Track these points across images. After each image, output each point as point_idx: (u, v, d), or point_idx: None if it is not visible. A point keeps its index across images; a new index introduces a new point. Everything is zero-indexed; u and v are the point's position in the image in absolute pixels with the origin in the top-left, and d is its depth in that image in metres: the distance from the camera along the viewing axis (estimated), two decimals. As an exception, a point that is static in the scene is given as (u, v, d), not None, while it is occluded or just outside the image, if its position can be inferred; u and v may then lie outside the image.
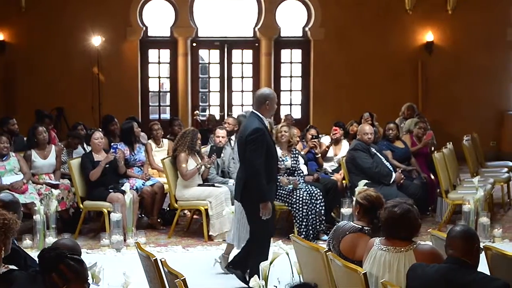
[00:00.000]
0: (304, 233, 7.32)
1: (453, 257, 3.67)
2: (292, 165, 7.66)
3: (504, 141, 13.00)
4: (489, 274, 4.18)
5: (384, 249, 4.01)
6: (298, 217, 7.40)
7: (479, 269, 3.83)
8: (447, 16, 12.69)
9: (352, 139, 8.74)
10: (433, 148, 8.96)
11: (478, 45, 12.70)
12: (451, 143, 9.31)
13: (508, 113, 13.02)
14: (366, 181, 7.36)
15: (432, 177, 8.52)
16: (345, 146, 8.90)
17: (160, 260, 4.07)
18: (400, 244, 3.98)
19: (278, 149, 7.67)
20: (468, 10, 12.60)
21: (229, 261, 6.07)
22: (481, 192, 7.57)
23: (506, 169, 9.75)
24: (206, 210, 7.54)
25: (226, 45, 12.87)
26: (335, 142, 8.91)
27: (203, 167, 7.67)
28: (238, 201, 5.88)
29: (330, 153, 8.87)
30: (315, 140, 8.70)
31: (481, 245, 4.23)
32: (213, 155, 7.81)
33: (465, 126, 11.71)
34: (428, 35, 12.68)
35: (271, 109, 5.73)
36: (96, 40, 12.10)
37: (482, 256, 4.19)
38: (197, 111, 12.51)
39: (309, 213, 7.40)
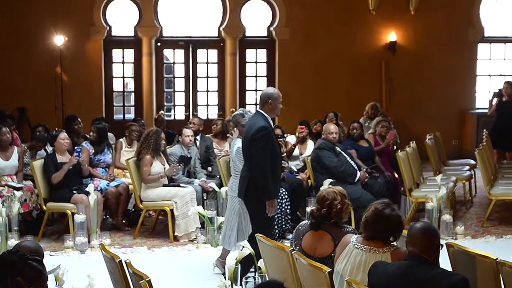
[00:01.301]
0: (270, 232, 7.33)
1: (413, 254, 3.71)
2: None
3: (465, 139, 13.21)
4: (451, 270, 4.25)
5: (361, 248, 4.03)
6: (264, 216, 7.41)
7: (442, 266, 3.89)
8: (410, 17, 12.84)
9: (316, 139, 8.80)
10: (395, 147, 9.05)
11: (440, 45, 12.88)
12: (414, 142, 9.43)
13: (470, 112, 13.23)
14: (331, 180, 7.42)
15: (396, 175, 8.62)
16: (310, 145, 8.94)
17: (125, 261, 4.04)
18: (379, 245, 4.01)
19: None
20: (430, 10, 12.77)
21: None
22: (443, 190, 7.69)
23: (467, 167, 9.91)
24: (172, 210, 7.52)
25: (191, 45, 12.82)
26: (301, 141, 8.95)
27: (165, 174, 7.63)
28: (242, 199, 5.89)
29: (295, 152, 8.90)
30: (281, 139, 8.73)
31: (444, 242, 4.31)
32: (180, 164, 7.79)
33: (428, 125, 11.86)
34: (391, 35, 12.82)
35: (275, 108, 5.77)
36: (59, 40, 11.95)
37: (445, 252, 4.27)
38: (162, 111, 12.44)
39: (276, 212, 7.40)
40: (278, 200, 7.41)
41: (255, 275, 4.57)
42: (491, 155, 10.12)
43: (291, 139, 9.13)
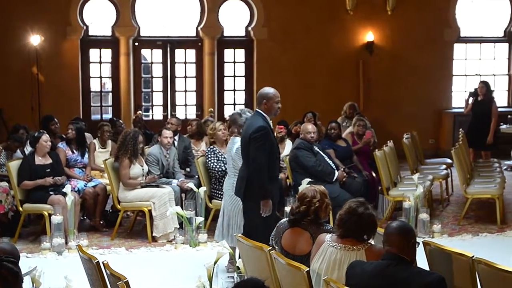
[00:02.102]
0: (248, 232, 7.34)
1: (390, 253, 3.73)
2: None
3: (442, 138, 13.33)
4: (428, 268, 4.28)
5: (336, 246, 4.05)
6: (243, 216, 7.42)
7: (419, 264, 3.93)
8: (387, 17, 12.92)
9: (295, 139, 8.81)
10: (372, 146, 9.11)
11: (417, 45, 12.98)
12: (391, 141, 9.50)
13: (446, 111, 13.35)
14: (310, 179, 7.44)
15: (374, 174, 8.67)
16: (288, 145, 8.97)
17: (102, 262, 4.02)
18: (353, 243, 4.03)
19: (218, 149, 7.71)
20: (407, 11, 12.87)
21: None
22: (420, 189, 7.75)
23: (444, 166, 10.00)
24: (150, 211, 7.48)
25: (168, 45, 12.78)
26: (280, 140, 8.96)
27: (144, 183, 7.61)
28: (241, 199, 5.89)
29: None
30: None
31: (421, 240, 4.35)
32: (160, 175, 7.77)
33: (405, 124, 11.95)
34: (369, 35, 12.89)
35: (271, 107, 5.77)
36: (35, 40, 11.84)
37: (422, 251, 4.30)
38: (139, 111, 12.37)
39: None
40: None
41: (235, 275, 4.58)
42: (467, 154, 10.22)
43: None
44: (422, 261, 4.30)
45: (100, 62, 12.78)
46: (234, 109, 12.86)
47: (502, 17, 13.71)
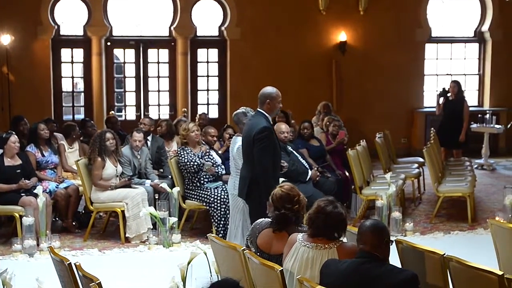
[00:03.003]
0: (222, 232, 7.35)
1: (363, 251, 3.77)
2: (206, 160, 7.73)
3: (414, 138, 13.46)
4: (400, 266, 4.32)
5: (308, 245, 4.06)
6: (216, 216, 7.42)
7: (391, 262, 3.96)
8: (359, 17, 13.00)
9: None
10: (345, 146, 9.18)
11: (389, 45, 13.09)
12: (364, 140, 9.57)
13: (418, 111, 13.48)
14: (283, 178, 7.44)
15: (347, 174, 8.73)
16: None
17: (75, 264, 3.99)
18: (325, 241, 4.04)
19: (190, 149, 7.69)
20: (379, 11, 12.96)
21: None
22: (393, 188, 7.81)
23: (416, 165, 10.09)
24: (123, 212, 7.44)
25: (141, 45, 12.71)
26: None
27: (116, 186, 7.57)
28: (243, 199, 5.88)
29: None
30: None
31: (394, 238, 4.39)
32: (133, 178, 7.74)
33: (378, 124, 12.04)
34: (342, 35, 12.96)
35: (273, 107, 5.79)
36: (5, 39, 11.69)
37: (394, 249, 4.34)
38: (112, 112, 12.29)
39: (227, 212, 7.43)
40: (229, 200, 7.45)
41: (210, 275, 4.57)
42: (439, 153, 10.34)
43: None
44: (394, 259, 4.34)
45: (72, 62, 12.65)
46: (208, 110, 12.89)
47: (472, 17, 13.88)
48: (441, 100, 11.49)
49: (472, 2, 13.81)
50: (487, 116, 12.01)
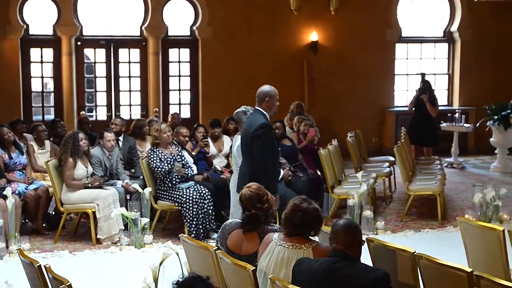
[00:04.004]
0: (194, 232, 7.34)
1: (336, 250, 3.79)
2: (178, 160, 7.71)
3: (385, 137, 13.58)
4: (371, 265, 4.36)
5: (283, 245, 4.07)
6: (188, 216, 7.40)
7: (362, 261, 3.99)
8: (331, 17, 13.06)
9: (228, 135, 9.14)
10: (316, 145, 9.21)
11: (360, 45, 13.18)
12: (336, 140, 9.62)
13: (389, 110, 13.59)
14: (255, 178, 7.46)
15: (319, 173, 8.76)
16: (226, 141, 9.15)
17: (44, 266, 3.94)
18: (300, 241, 4.06)
19: (161, 150, 7.66)
20: (350, 11, 13.04)
21: None
22: (364, 187, 7.87)
23: (387, 164, 10.18)
24: (94, 213, 7.38)
25: (112, 44, 12.61)
26: (214, 139, 9.07)
27: (89, 183, 7.50)
28: None
29: (213, 151, 8.97)
30: (206, 140, 8.77)
31: (365, 237, 4.42)
32: (105, 177, 7.67)
33: (349, 123, 12.12)
34: (313, 35, 13.01)
35: (272, 105, 5.89)
36: (-27, 38, 11.52)
37: (365, 247, 4.37)
38: (83, 112, 12.18)
39: (199, 212, 7.42)
40: (201, 200, 7.45)
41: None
42: (409, 151, 10.43)
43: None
44: (366, 258, 4.37)
45: (42, 62, 12.51)
46: (180, 110, 12.84)
47: (441, 17, 14.04)
48: (423, 97, 11.48)
49: (441, 3, 13.98)
50: (457, 115, 12.16)
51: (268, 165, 5.73)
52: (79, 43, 12.44)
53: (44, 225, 7.85)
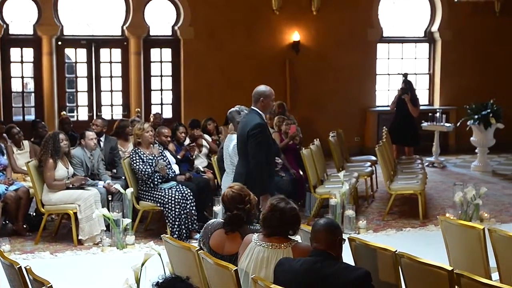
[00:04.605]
0: (177, 233, 7.32)
1: (317, 249, 3.80)
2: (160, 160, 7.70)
3: (367, 136, 13.64)
4: (353, 264, 4.38)
5: (263, 245, 4.08)
6: (171, 217, 7.39)
7: (344, 260, 4.01)
8: (312, 17, 13.10)
9: (211, 135, 9.20)
10: (298, 145, 9.24)
11: (342, 45, 13.22)
12: (318, 139, 9.64)
13: (370, 110, 13.66)
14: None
15: (301, 173, 8.78)
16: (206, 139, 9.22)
17: (25, 267, 3.91)
18: (280, 241, 4.06)
19: (143, 151, 7.63)
20: (332, 11, 13.09)
21: None
22: (346, 186, 7.90)
23: (369, 163, 10.23)
24: (75, 213, 7.33)
25: (93, 44, 12.54)
26: (194, 140, 9.08)
27: (70, 183, 7.45)
28: None
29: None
30: (193, 144, 8.79)
31: (347, 236, 4.44)
32: (86, 177, 7.63)
33: (331, 123, 12.15)
34: (295, 35, 13.04)
35: (267, 105, 5.96)
36: (-48, 38, 11.40)
37: (347, 247, 4.39)
38: (64, 112, 12.10)
39: (181, 212, 7.41)
40: (184, 201, 7.44)
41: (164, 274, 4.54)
42: (391, 151, 10.49)
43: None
44: (347, 257, 4.39)
45: (22, 62, 12.41)
46: (162, 110, 12.80)
47: (422, 18, 14.14)
48: (405, 97, 11.55)
49: (422, 3, 14.07)
50: (437, 114, 12.24)
51: (262, 163, 5.76)
52: (59, 42, 12.35)
53: (24, 226, 7.78)
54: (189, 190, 7.59)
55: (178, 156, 8.43)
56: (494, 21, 13.89)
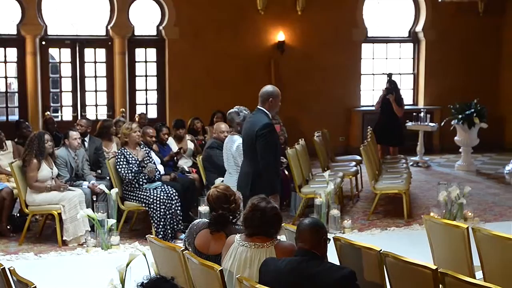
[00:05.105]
0: (162, 233, 7.31)
1: (302, 249, 3.81)
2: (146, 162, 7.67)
3: (352, 136, 13.68)
4: (338, 263, 4.39)
5: (245, 245, 4.08)
6: (156, 217, 7.37)
7: (330, 259, 4.02)
8: (297, 17, 13.12)
9: (195, 135, 9.21)
10: (283, 144, 9.25)
11: (327, 45, 13.25)
12: (303, 139, 9.66)
13: (355, 109, 13.70)
14: (223, 178, 7.45)
15: (286, 172, 8.78)
16: (189, 142, 9.28)
17: (9, 268, 3.89)
18: (262, 240, 4.07)
19: (130, 152, 7.60)
20: (317, 11, 13.11)
21: None
22: (331, 186, 7.91)
23: (354, 163, 10.26)
24: (59, 214, 7.29)
25: (77, 44, 12.48)
26: (179, 140, 9.06)
27: (52, 188, 7.40)
28: (246, 195, 5.82)
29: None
30: (180, 150, 8.78)
31: (332, 236, 4.45)
32: (68, 182, 7.59)
33: (316, 122, 12.18)
34: (280, 35, 13.05)
35: (275, 105, 5.96)
36: None
37: (332, 246, 4.40)
38: (48, 112, 12.03)
39: (167, 213, 7.39)
40: (169, 201, 7.42)
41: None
42: (376, 150, 10.53)
43: (171, 141, 9.14)
44: (333, 257, 4.41)
45: (5, 62, 12.31)
46: (146, 110, 12.76)
47: (407, 18, 14.21)
48: (390, 97, 11.60)
49: (406, 3, 14.14)
50: (422, 114, 12.30)
51: (270, 164, 5.80)
52: (43, 42, 12.28)
53: (8, 227, 7.73)
54: (174, 190, 7.57)
55: (165, 159, 8.43)
56: (478, 21, 13.99)
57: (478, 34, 14.01)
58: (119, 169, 7.55)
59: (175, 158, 8.70)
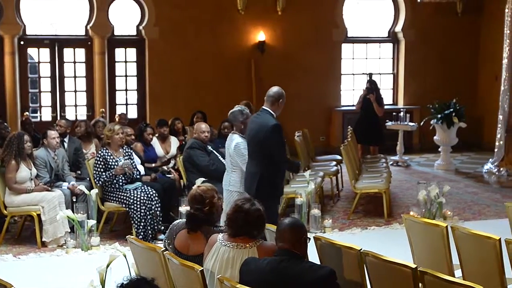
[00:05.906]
0: (142, 233, 7.28)
1: (282, 249, 3.82)
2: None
3: (332, 136, 13.73)
4: (319, 262, 4.40)
5: (228, 245, 4.08)
6: (136, 218, 7.34)
7: (310, 259, 4.03)
8: (277, 17, 13.14)
9: (176, 136, 9.16)
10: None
11: (307, 45, 13.29)
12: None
13: (336, 109, 13.75)
14: (203, 179, 7.45)
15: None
16: (174, 142, 9.17)
17: (-13, 271, 3.85)
18: (244, 241, 4.07)
19: (111, 152, 7.56)
20: (297, 11, 13.14)
21: None
22: (312, 185, 7.94)
23: (334, 163, 10.29)
24: (39, 215, 7.24)
25: (56, 44, 12.38)
26: (162, 139, 9.03)
27: (32, 190, 7.34)
28: (252, 195, 5.79)
29: (160, 152, 8.95)
30: (171, 170, 8.75)
31: (313, 235, 4.47)
32: (47, 184, 7.53)
33: (297, 122, 12.19)
34: (260, 35, 13.06)
35: (282, 106, 6.18)
36: None
37: (313, 246, 4.41)
38: (26, 113, 11.92)
39: (147, 213, 7.37)
40: (149, 202, 7.39)
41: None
42: (356, 150, 10.58)
43: (155, 141, 9.11)
44: (313, 256, 4.42)
45: (-17, 62, 12.19)
46: (127, 110, 12.70)
47: (386, 18, 14.29)
48: (371, 97, 11.65)
49: (386, 3, 14.22)
50: (401, 114, 12.38)
51: (286, 159, 6.17)
52: (22, 42, 12.17)
53: (-14, 229, 7.65)
54: (154, 191, 7.55)
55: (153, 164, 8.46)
56: (456, 21, 14.11)
57: (456, 34, 14.13)
58: (94, 171, 7.52)
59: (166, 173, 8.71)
